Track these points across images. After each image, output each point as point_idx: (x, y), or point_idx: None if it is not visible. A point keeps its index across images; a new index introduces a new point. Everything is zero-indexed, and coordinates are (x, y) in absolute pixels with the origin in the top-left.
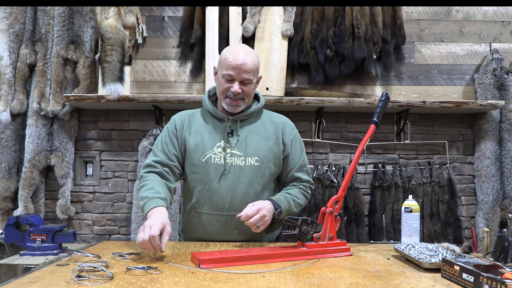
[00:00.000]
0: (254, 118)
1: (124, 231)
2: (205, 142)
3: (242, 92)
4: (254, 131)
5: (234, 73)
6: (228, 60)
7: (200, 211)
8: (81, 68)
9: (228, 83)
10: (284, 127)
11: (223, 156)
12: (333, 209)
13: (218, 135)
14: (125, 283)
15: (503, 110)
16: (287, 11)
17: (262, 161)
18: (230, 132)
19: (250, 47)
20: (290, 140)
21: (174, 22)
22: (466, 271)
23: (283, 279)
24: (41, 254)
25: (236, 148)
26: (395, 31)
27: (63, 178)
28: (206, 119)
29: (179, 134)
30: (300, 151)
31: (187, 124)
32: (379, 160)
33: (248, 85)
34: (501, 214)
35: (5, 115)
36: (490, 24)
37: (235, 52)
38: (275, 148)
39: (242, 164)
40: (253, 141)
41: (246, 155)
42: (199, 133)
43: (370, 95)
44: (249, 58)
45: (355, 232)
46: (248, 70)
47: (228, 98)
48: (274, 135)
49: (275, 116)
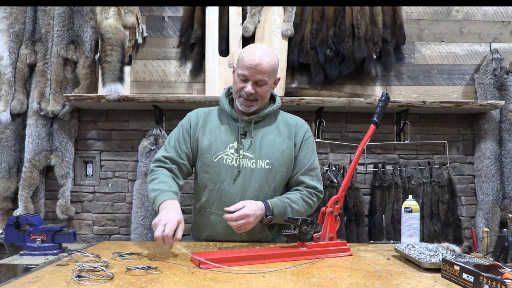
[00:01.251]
0: (269, 119)
1: (124, 231)
2: (218, 143)
3: (256, 93)
4: (267, 133)
5: (248, 73)
6: (244, 60)
7: (209, 211)
8: (81, 68)
9: (243, 82)
10: (298, 128)
11: (235, 158)
12: (333, 209)
13: (232, 136)
14: (125, 283)
15: (503, 110)
16: (287, 11)
17: (273, 165)
18: (244, 134)
19: (269, 48)
20: (301, 141)
21: (174, 22)
22: (466, 271)
23: (283, 279)
24: (41, 254)
25: (249, 151)
26: (395, 31)
27: (63, 178)
28: (222, 118)
29: (192, 133)
30: (310, 154)
31: (202, 122)
32: (379, 160)
33: (262, 86)
34: (501, 214)
35: (5, 115)
36: (490, 24)
37: (252, 52)
38: (288, 151)
39: (253, 167)
40: (266, 144)
41: (258, 157)
42: (213, 132)
43: (370, 95)
44: (265, 58)
45: (355, 232)
46: (263, 71)
47: (241, 98)
48: (287, 137)
49: (290, 117)
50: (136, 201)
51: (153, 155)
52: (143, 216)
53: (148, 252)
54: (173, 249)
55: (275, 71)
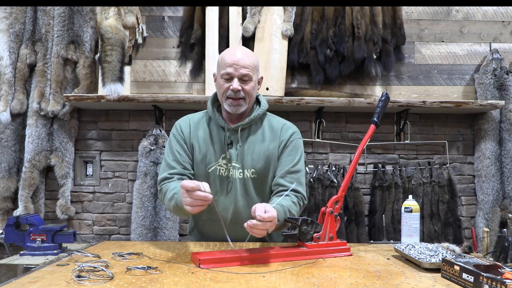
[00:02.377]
0: (255, 125)
1: (124, 231)
2: (211, 153)
3: (243, 90)
4: (253, 141)
5: (231, 70)
6: (225, 60)
7: (204, 220)
8: (81, 68)
9: (227, 82)
10: (284, 130)
11: (226, 168)
12: (333, 209)
13: (222, 146)
14: (125, 283)
15: (503, 110)
16: (287, 11)
17: (259, 173)
18: (230, 143)
19: (249, 48)
20: (286, 142)
21: (174, 22)
22: (466, 271)
23: (283, 279)
24: (41, 254)
25: (237, 161)
26: (395, 31)
27: (63, 178)
28: (211, 126)
29: (187, 141)
30: (294, 155)
31: (194, 130)
32: (379, 160)
33: (248, 83)
34: (501, 214)
35: (5, 115)
36: (490, 24)
37: (231, 51)
38: (272, 156)
39: (240, 177)
40: (251, 153)
41: (244, 167)
42: (206, 142)
43: (370, 95)
44: (246, 53)
45: (355, 232)
46: (246, 66)
47: (229, 99)
48: (272, 140)
49: (277, 121)
50: (136, 201)
51: (153, 155)
52: (143, 216)
53: (148, 252)
54: (173, 249)
55: (257, 68)
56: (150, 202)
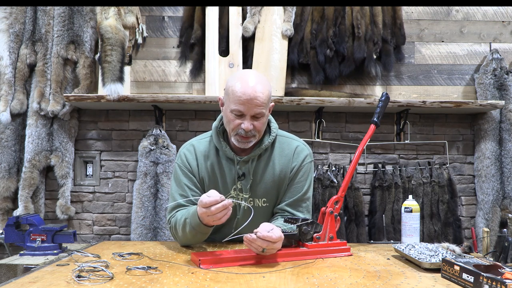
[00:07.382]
0: (265, 152)
1: (124, 231)
2: (221, 186)
3: (254, 129)
4: (264, 170)
5: (244, 109)
6: (237, 94)
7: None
8: (81, 68)
9: (238, 118)
10: (295, 156)
11: (238, 198)
12: (333, 209)
13: (233, 178)
14: (125, 283)
15: (503, 110)
16: (287, 11)
17: (270, 202)
18: (242, 175)
19: (260, 74)
20: (296, 168)
21: (174, 22)
22: (466, 271)
23: (283, 279)
24: (41, 254)
25: (249, 192)
26: (395, 31)
27: (63, 178)
28: (219, 157)
29: (195, 174)
30: (303, 183)
31: (201, 163)
32: (379, 160)
33: (260, 119)
34: (501, 214)
35: (5, 115)
36: (490, 24)
37: (243, 83)
38: (284, 183)
39: (251, 205)
40: (263, 183)
41: (255, 196)
42: (215, 175)
43: (370, 95)
44: (260, 89)
45: (355, 232)
46: (260, 104)
47: (238, 136)
48: (284, 170)
49: (288, 144)
50: (136, 201)
51: (153, 155)
52: (143, 216)
53: (148, 252)
54: (173, 249)
55: (270, 98)
56: (150, 202)
